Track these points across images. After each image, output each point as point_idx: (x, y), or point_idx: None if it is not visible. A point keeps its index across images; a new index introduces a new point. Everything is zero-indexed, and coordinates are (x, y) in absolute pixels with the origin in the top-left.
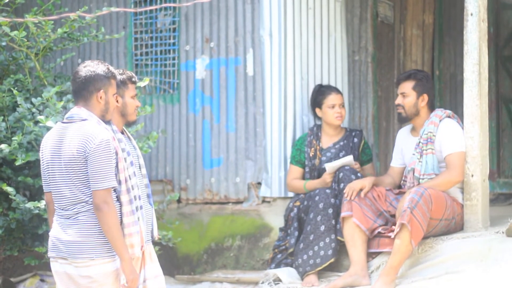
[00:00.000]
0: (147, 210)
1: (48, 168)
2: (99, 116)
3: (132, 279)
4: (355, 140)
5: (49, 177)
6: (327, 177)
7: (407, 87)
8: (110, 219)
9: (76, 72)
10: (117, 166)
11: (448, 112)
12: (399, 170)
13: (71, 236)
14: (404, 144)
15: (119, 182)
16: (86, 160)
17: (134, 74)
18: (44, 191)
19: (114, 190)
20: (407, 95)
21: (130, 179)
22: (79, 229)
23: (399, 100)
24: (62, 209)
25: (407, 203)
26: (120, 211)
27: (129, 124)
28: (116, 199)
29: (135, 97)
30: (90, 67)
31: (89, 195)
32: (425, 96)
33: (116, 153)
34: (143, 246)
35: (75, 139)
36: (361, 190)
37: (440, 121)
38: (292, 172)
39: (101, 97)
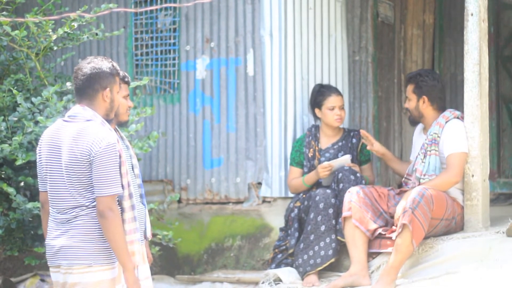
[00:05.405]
0: (140, 210)
1: (46, 167)
2: (103, 115)
3: None
4: (354, 140)
5: (46, 177)
6: (319, 168)
7: (409, 90)
8: (115, 227)
9: (79, 68)
10: (119, 169)
11: (457, 113)
12: None
13: (67, 241)
14: (416, 141)
15: (122, 187)
16: (90, 164)
17: (127, 74)
18: (40, 190)
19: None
20: (409, 99)
21: (130, 185)
22: (76, 234)
23: (406, 104)
24: (58, 213)
25: (408, 204)
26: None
27: (120, 124)
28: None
29: (127, 97)
30: (94, 64)
31: (90, 200)
32: (425, 98)
33: (120, 156)
34: None
35: (78, 141)
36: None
37: (446, 122)
38: (292, 173)
39: (107, 96)
